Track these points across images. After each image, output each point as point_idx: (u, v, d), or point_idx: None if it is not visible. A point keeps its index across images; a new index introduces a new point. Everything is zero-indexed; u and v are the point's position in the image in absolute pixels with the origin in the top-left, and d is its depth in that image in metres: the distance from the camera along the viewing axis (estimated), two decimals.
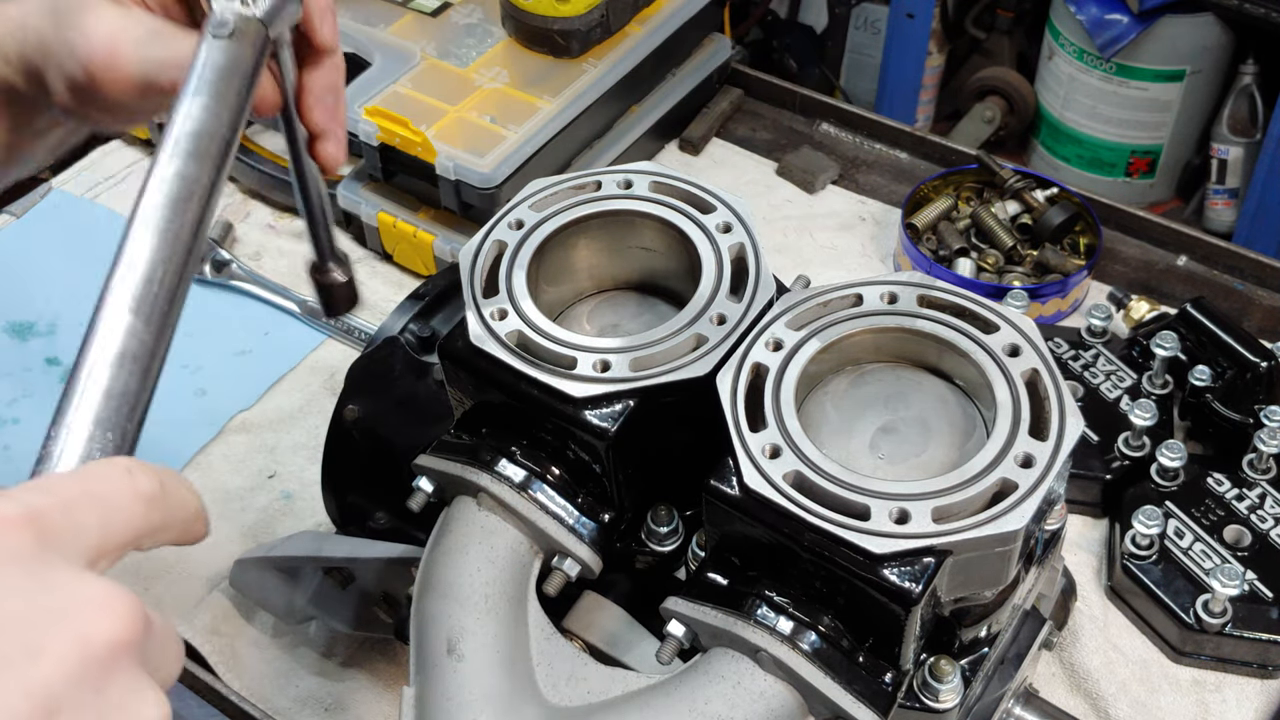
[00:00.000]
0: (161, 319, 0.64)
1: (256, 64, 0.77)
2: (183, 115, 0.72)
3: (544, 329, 0.91)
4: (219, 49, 0.75)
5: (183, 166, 0.70)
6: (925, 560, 0.78)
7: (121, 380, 0.61)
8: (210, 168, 0.70)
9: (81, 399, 0.60)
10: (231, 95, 0.74)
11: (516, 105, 1.59)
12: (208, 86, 0.74)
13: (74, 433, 0.59)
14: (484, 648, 0.87)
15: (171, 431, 1.44)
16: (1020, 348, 0.86)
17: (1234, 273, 1.61)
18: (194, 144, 0.71)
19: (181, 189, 0.69)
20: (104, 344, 0.62)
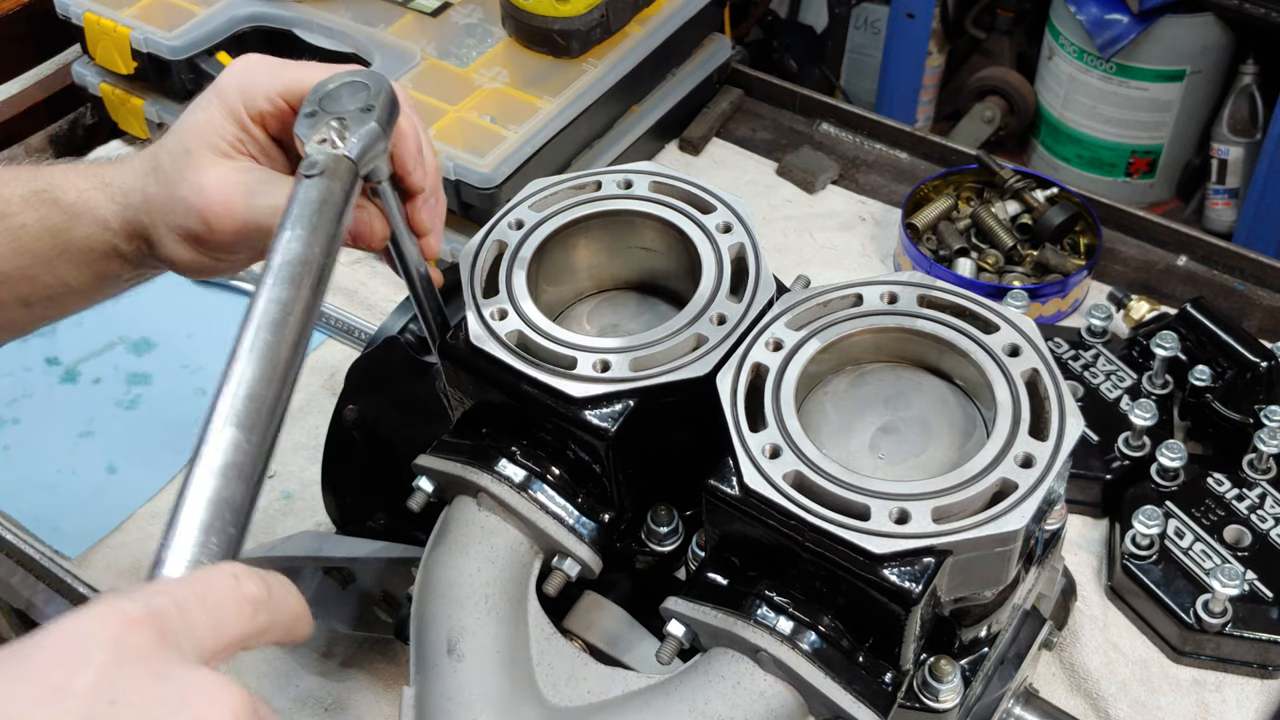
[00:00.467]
0: (262, 432, 0.69)
1: (347, 197, 0.82)
2: (280, 247, 0.77)
3: (544, 329, 0.91)
4: (311, 186, 0.80)
5: (279, 292, 0.75)
6: (925, 560, 0.78)
7: (226, 489, 0.66)
8: (306, 292, 0.76)
9: (189, 507, 0.65)
10: (323, 226, 0.79)
11: (516, 105, 1.59)
12: (301, 220, 0.79)
13: (181, 538, 0.64)
14: (484, 648, 0.87)
15: (171, 431, 1.44)
16: (1020, 348, 0.86)
17: (1234, 273, 1.61)
18: (289, 271, 0.76)
19: (278, 313, 0.74)
20: (210, 456, 0.67)
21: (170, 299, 1.60)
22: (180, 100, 1.73)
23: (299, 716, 1.22)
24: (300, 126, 0.84)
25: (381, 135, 0.84)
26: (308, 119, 0.84)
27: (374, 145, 0.83)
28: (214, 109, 0.91)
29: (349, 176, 0.82)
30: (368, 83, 0.86)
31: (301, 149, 0.83)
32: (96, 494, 1.39)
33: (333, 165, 0.81)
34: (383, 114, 0.84)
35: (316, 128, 0.83)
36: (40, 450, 1.44)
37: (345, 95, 0.85)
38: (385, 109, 0.84)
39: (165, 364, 1.53)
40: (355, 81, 0.86)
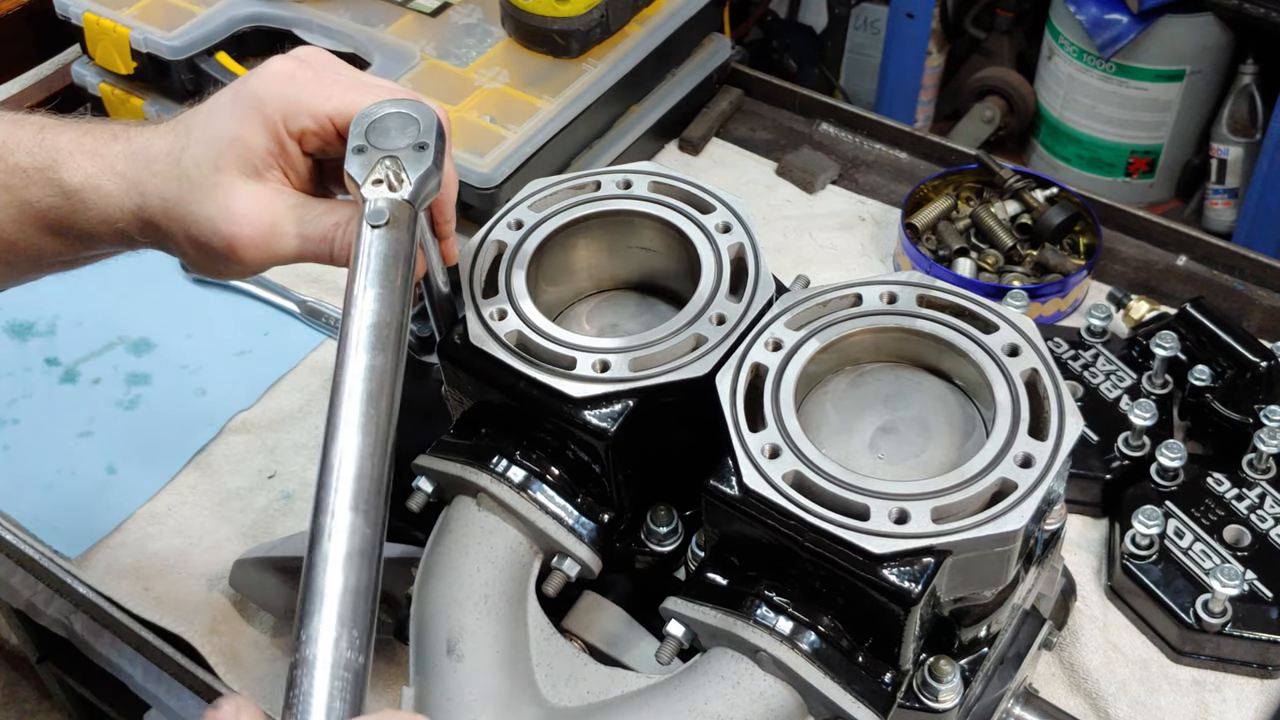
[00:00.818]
0: (377, 511, 0.70)
1: (414, 242, 0.81)
2: (360, 309, 0.77)
3: (543, 329, 0.91)
4: (381, 239, 0.79)
5: (371, 360, 0.74)
6: (925, 560, 0.78)
7: (354, 577, 0.66)
8: (393, 356, 0.75)
9: (324, 599, 0.65)
10: (399, 281, 0.78)
11: (516, 105, 1.59)
12: (378, 278, 0.78)
13: (324, 633, 0.64)
14: (483, 648, 0.87)
15: (171, 431, 1.44)
16: (1020, 347, 0.86)
17: (1234, 273, 1.61)
18: (375, 335, 0.75)
19: (374, 383, 0.74)
20: (334, 545, 0.67)
21: (170, 299, 1.60)
22: (180, 100, 1.73)
23: None
24: (351, 165, 0.82)
25: (436, 174, 0.83)
26: (357, 156, 0.82)
27: (430, 185, 0.82)
28: (251, 123, 0.87)
29: (411, 221, 0.81)
30: (415, 115, 0.84)
31: (354, 190, 0.81)
32: (96, 494, 1.39)
33: (397, 213, 0.80)
34: (437, 151, 0.83)
35: (370, 168, 0.81)
36: (40, 450, 1.44)
37: (394, 128, 0.83)
38: (437, 145, 0.83)
39: (165, 364, 1.53)
40: (403, 114, 0.84)
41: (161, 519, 1.37)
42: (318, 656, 0.63)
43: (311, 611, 0.65)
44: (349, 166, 0.82)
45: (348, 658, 0.63)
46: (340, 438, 0.71)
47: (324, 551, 0.67)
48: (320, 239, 0.87)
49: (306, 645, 0.63)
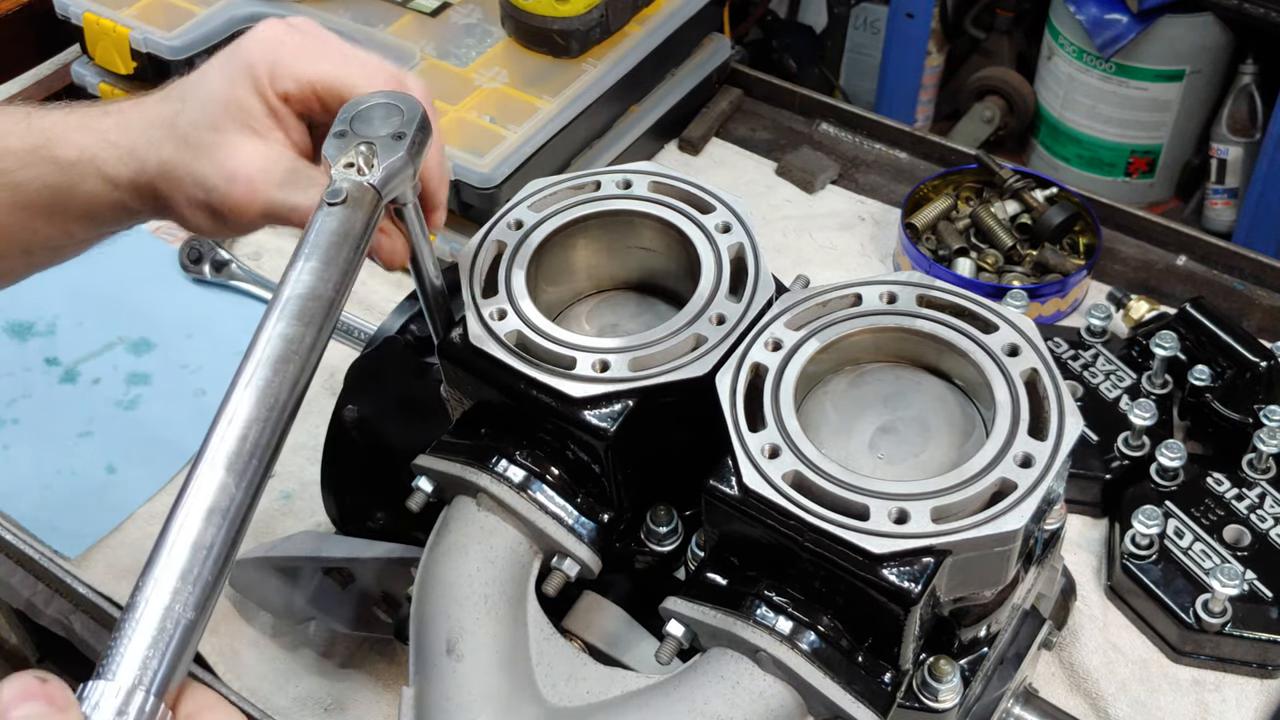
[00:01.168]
0: (250, 476, 0.69)
1: (368, 227, 0.81)
2: (293, 278, 0.76)
3: (543, 329, 0.91)
4: (332, 216, 0.79)
5: (286, 328, 0.74)
6: (924, 560, 0.78)
7: (208, 534, 0.65)
8: (313, 329, 0.75)
9: (171, 550, 0.64)
10: (340, 259, 0.78)
11: (516, 105, 1.59)
12: (319, 251, 0.78)
13: (160, 583, 0.63)
14: (483, 648, 0.87)
15: (171, 431, 1.44)
16: (1019, 347, 0.86)
17: (1233, 272, 1.61)
18: (300, 305, 0.75)
19: (283, 349, 0.73)
20: (196, 498, 0.67)
21: (170, 299, 1.60)
22: None
23: (298, 716, 1.22)
24: (329, 147, 0.83)
25: (409, 164, 0.83)
26: (337, 139, 0.83)
27: (400, 174, 0.83)
28: (240, 83, 0.87)
29: (372, 205, 0.81)
30: (401, 106, 0.84)
31: (325, 170, 0.82)
32: (96, 494, 1.39)
33: (357, 194, 0.80)
34: (413, 142, 0.83)
35: (344, 150, 0.82)
36: (40, 450, 1.44)
37: (378, 118, 0.84)
38: (416, 136, 0.83)
39: (165, 364, 1.53)
40: (389, 104, 0.85)
41: (161, 519, 1.36)
42: (148, 604, 0.62)
43: (156, 560, 0.64)
44: (326, 148, 0.83)
45: (178, 612, 0.62)
46: (234, 398, 0.71)
47: (186, 503, 0.66)
48: (311, 205, 0.85)
49: (141, 592, 0.62)
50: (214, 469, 0.68)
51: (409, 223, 0.89)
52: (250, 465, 0.69)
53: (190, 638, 0.62)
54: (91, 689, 0.59)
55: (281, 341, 0.73)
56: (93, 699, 0.59)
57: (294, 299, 0.75)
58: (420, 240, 0.91)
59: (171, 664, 0.61)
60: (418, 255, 0.92)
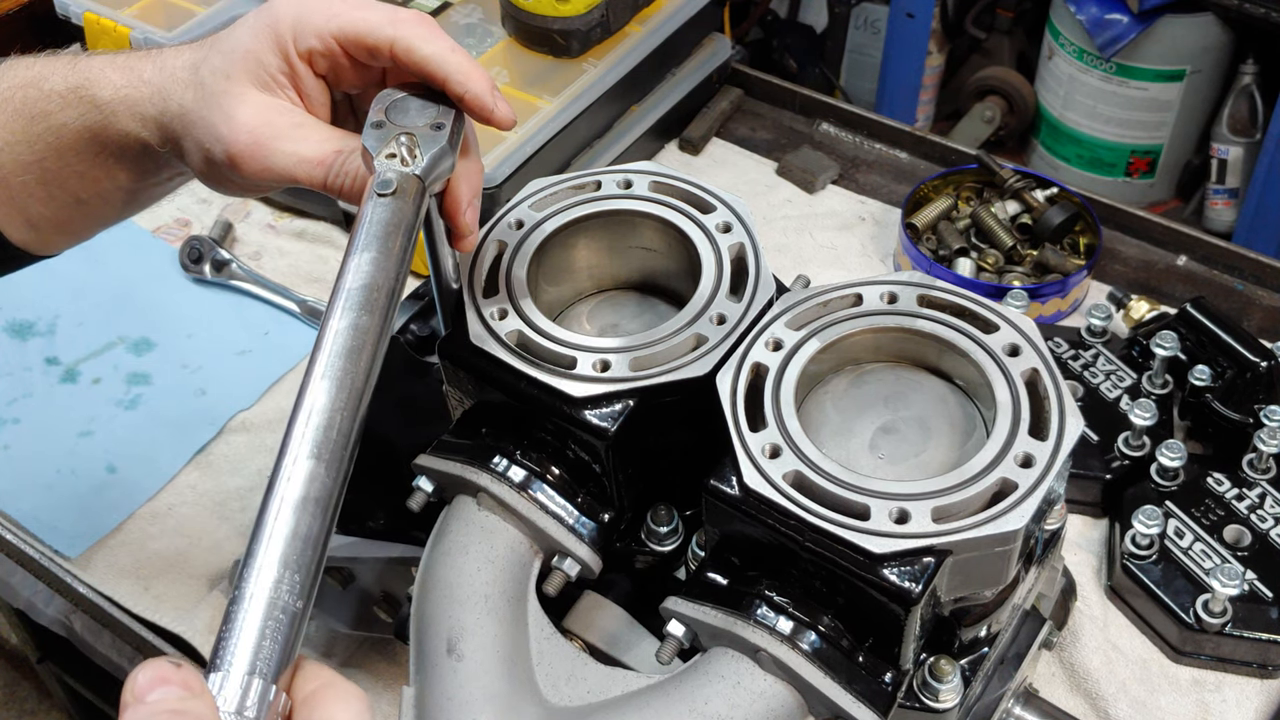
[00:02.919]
0: (339, 463, 0.70)
1: (416, 216, 0.82)
2: (353, 269, 0.77)
3: (544, 329, 0.91)
4: (384, 206, 0.80)
5: (355, 319, 0.75)
6: (925, 560, 0.78)
7: (305, 523, 0.66)
8: (379, 318, 0.76)
9: (270, 541, 0.65)
10: (396, 249, 0.79)
11: (516, 105, 1.59)
12: (375, 242, 0.79)
13: (264, 572, 0.64)
14: (483, 648, 0.87)
15: (172, 431, 1.44)
16: (1020, 347, 0.86)
17: (1234, 273, 1.61)
18: (364, 296, 0.76)
19: (354, 340, 0.74)
20: (289, 489, 0.67)
21: (170, 299, 1.60)
22: None
23: None
24: (368, 138, 0.83)
25: (450, 153, 0.84)
26: (375, 130, 0.83)
27: (442, 164, 0.83)
28: (263, 38, 0.87)
29: (419, 195, 0.82)
30: (432, 94, 0.85)
31: (368, 162, 0.83)
32: (96, 494, 1.39)
33: (405, 185, 0.81)
34: (454, 132, 0.84)
35: (385, 142, 0.83)
36: (40, 450, 1.44)
37: (414, 109, 0.85)
38: (455, 126, 0.84)
39: (165, 364, 1.53)
40: (421, 92, 0.86)
41: (161, 519, 1.37)
42: (254, 595, 0.62)
43: (256, 551, 0.64)
44: (365, 139, 0.83)
45: (285, 601, 0.63)
46: (312, 388, 0.72)
47: (279, 494, 0.67)
48: (316, 161, 0.86)
49: (245, 583, 0.63)
50: (302, 459, 0.69)
51: (433, 221, 0.89)
52: (337, 453, 0.70)
53: (297, 625, 0.63)
54: (211, 681, 0.60)
55: (351, 332, 0.74)
56: (214, 687, 0.60)
57: (356, 290, 0.76)
58: (440, 233, 0.91)
59: (284, 651, 0.62)
60: (436, 247, 0.92)
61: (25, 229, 0.98)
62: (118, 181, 0.97)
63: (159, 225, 1.70)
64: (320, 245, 1.67)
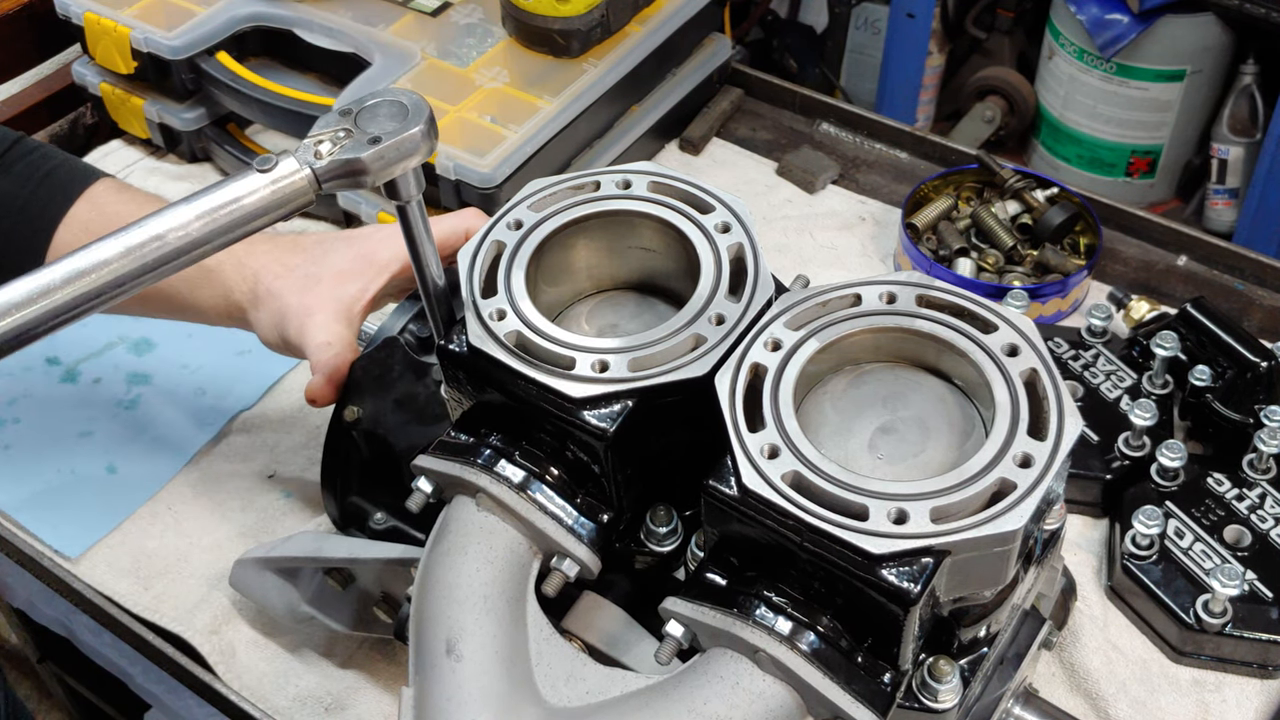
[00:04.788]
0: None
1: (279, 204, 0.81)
2: (164, 210, 0.79)
3: (543, 329, 0.91)
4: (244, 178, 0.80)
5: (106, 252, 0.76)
6: (924, 560, 0.78)
7: None
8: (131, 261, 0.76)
9: None
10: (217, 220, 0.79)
11: (516, 105, 1.59)
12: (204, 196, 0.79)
13: None
14: (483, 648, 0.87)
15: (172, 431, 1.45)
16: (1019, 347, 0.86)
17: (1234, 273, 1.61)
18: (139, 238, 0.77)
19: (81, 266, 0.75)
20: None
21: None
22: (180, 100, 1.73)
23: (298, 716, 1.22)
24: (321, 120, 0.82)
25: (366, 170, 0.80)
26: (337, 115, 0.82)
27: (354, 176, 0.80)
28: (367, 279, 1.14)
29: (297, 188, 0.79)
30: (409, 108, 0.83)
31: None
32: (96, 494, 1.39)
33: (287, 171, 0.79)
34: (387, 150, 0.80)
35: (326, 127, 0.81)
36: (40, 450, 1.44)
37: (383, 115, 0.82)
38: (396, 145, 0.81)
39: (165, 364, 1.53)
40: (402, 105, 0.83)
41: (161, 519, 1.37)
42: None
43: None
44: (319, 121, 0.82)
45: None
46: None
47: None
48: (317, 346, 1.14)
49: None
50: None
51: (412, 222, 0.88)
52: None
53: None
54: None
55: (94, 256, 0.74)
56: None
57: (145, 227, 0.76)
58: (423, 239, 0.90)
59: None
60: (420, 255, 0.91)
61: None
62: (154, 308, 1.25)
63: None
64: None
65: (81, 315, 0.75)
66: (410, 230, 0.89)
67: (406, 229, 0.89)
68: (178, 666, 1.25)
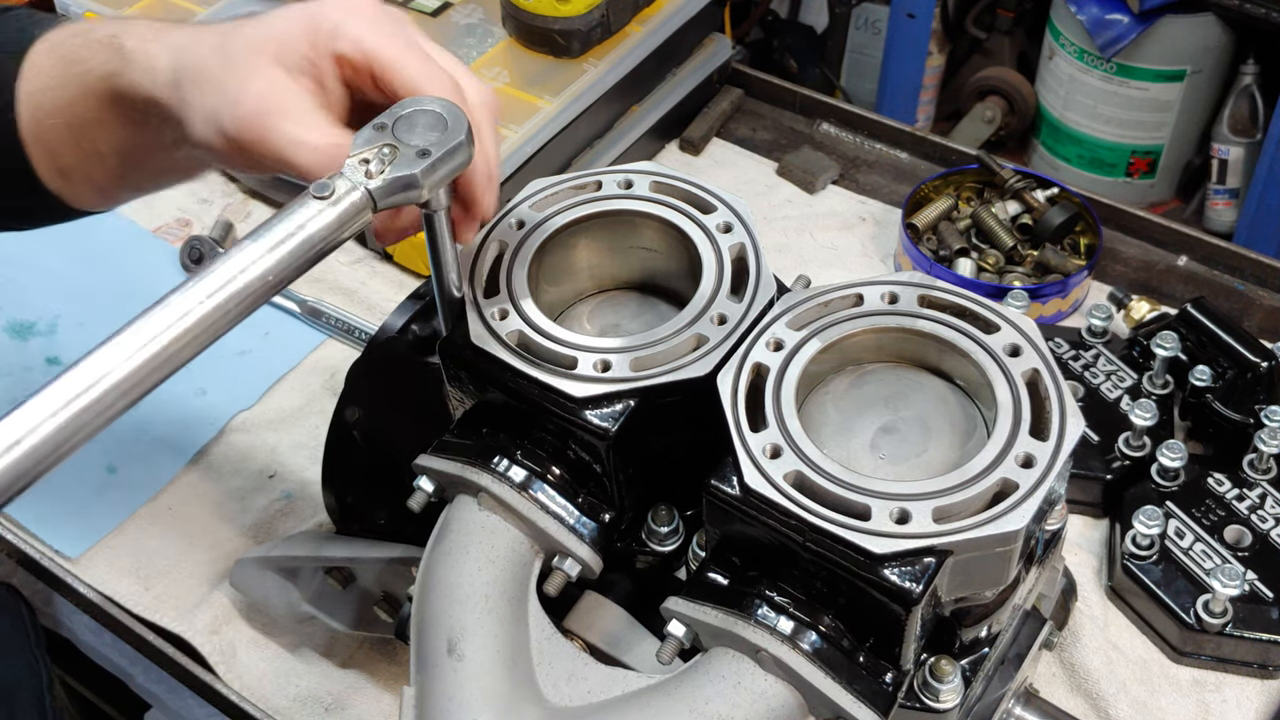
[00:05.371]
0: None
1: (341, 228, 0.80)
2: (233, 251, 0.77)
3: (545, 329, 0.91)
4: (305, 205, 0.79)
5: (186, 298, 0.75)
6: (926, 560, 0.78)
7: None
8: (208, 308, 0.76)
9: None
10: (285, 250, 0.77)
11: (516, 105, 1.59)
12: (266, 233, 0.78)
13: None
14: (484, 648, 0.87)
15: (172, 431, 1.44)
16: (1021, 348, 0.86)
17: (1234, 273, 1.61)
18: (217, 282, 0.76)
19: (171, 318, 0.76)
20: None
21: None
22: None
23: (299, 716, 1.22)
24: (359, 135, 0.81)
25: (418, 183, 0.80)
26: (373, 130, 0.81)
27: (406, 189, 0.81)
28: (298, 26, 0.87)
29: (358, 209, 0.80)
30: (449, 120, 0.82)
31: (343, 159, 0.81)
32: (96, 494, 1.39)
33: (345, 193, 0.79)
34: (435, 163, 0.81)
35: (369, 145, 0.81)
36: None
37: (420, 124, 0.82)
38: (444, 160, 0.81)
39: None
40: (439, 115, 0.82)
41: (161, 519, 1.37)
42: None
43: None
44: (356, 136, 0.82)
45: None
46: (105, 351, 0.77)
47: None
48: (314, 147, 0.84)
49: None
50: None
51: (437, 232, 0.87)
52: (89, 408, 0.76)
53: None
54: None
55: (172, 310, 0.75)
56: None
57: (214, 273, 0.75)
58: (446, 249, 0.89)
59: None
60: (441, 264, 0.90)
61: (57, 176, 1.01)
62: (127, 142, 0.98)
63: (159, 225, 1.70)
64: None
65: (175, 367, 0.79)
66: (435, 239, 0.88)
67: (431, 238, 0.88)
68: (178, 666, 1.25)
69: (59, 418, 0.70)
